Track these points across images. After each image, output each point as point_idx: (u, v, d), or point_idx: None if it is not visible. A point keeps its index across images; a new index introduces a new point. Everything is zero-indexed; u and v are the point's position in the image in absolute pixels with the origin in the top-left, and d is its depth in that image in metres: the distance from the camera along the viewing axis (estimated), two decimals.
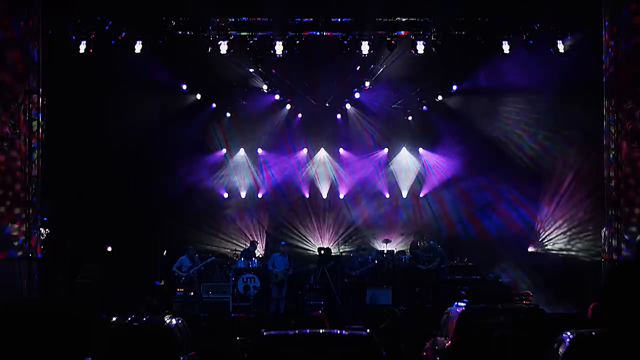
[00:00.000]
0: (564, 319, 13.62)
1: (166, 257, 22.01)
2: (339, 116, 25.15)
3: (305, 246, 24.90)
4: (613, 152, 17.31)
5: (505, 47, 19.34)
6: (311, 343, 9.41)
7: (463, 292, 15.62)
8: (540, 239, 22.75)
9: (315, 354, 9.19)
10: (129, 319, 12.18)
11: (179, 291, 20.77)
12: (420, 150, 25.41)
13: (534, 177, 22.70)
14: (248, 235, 24.56)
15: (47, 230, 18.09)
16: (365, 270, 20.87)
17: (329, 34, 19.35)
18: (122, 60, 19.64)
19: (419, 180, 25.43)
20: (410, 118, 25.19)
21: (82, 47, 18.59)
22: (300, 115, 24.98)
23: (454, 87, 23.53)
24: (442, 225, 24.48)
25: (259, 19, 19.15)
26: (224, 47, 19.10)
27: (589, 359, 8.58)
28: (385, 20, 19.23)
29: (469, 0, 18.80)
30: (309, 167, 25.58)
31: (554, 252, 22.34)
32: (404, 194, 25.49)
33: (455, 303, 13.53)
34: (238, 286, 20.68)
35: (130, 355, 10.95)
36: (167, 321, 12.19)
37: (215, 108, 24.53)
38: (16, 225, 16.63)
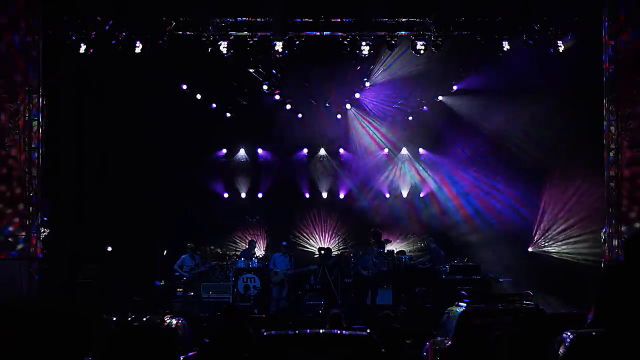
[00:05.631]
0: (564, 319, 13.58)
1: (166, 257, 22.03)
2: (339, 116, 25.15)
3: (305, 246, 24.91)
4: (613, 152, 17.31)
5: (505, 47, 19.33)
6: (311, 343, 9.41)
7: (463, 292, 15.59)
8: (540, 239, 22.76)
9: (316, 354, 9.20)
10: (129, 319, 12.20)
11: (179, 291, 20.79)
12: (420, 150, 25.43)
13: (535, 177, 22.71)
14: (248, 235, 24.56)
15: (47, 230, 18.08)
16: (377, 270, 20.85)
17: (329, 34, 19.35)
18: (122, 60, 19.62)
19: (419, 181, 25.45)
20: (410, 118, 25.20)
21: (82, 47, 18.58)
22: (300, 115, 24.98)
23: (454, 87, 23.53)
24: (441, 225, 24.49)
25: (259, 19, 19.15)
26: (224, 47, 19.10)
27: (589, 359, 8.57)
28: (385, 20, 19.22)
29: (469, 0, 18.80)
30: (309, 167, 25.59)
31: (554, 252, 22.35)
32: (404, 194, 25.52)
33: (455, 303, 13.53)
34: (238, 286, 20.70)
35: (130, 355, 10.95)
36: (167, 321, 12.21)
37: (215, 108, 24.52)
38: (16, 225, 16.62)
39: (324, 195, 25.54)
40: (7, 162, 16.69)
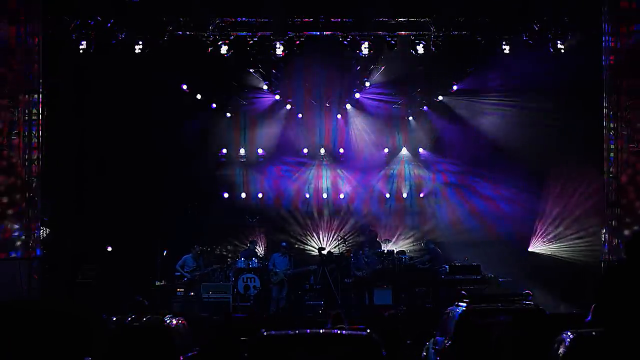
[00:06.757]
0: (564, 319, 13.59)
1: (166, 257, 22.03)
2: (339, 116, 25.15)
3: (305, 246, 24.90)
4: (613, 152, 17.31)
5: (505, 47, 19.34)
6: (311, 343, 9.41)
7: (463, 292, 15.61)
8: (540, 239, 22.75)
9: (316, 353, 9.20)
10: (129, 319, 12.19)
11: (179, 291, 20.78)
12: (420, 150, 25.43)
13: (534, 177, 22.70)
14: (248, 235, 24.55)
15: (47, 230, 18.09)
16: (371, 270, 20.83)
17: (329, 34, 19.36)
18: (122, 60, 19.63)
19: (419, 181, 25.46)
20: (410, 118, 25.20)
21: (82, 47, 18.58)
22: (300, 115, 24.98)
23: (454, 87, 23.53)
24: (442, 225, 24.51)
25: (259, 19, 19.16)
26: (224, 47, 19.11)
27: (589, 359, 8.57)
28: (385, 20, 19.24)
29: (469, 0, 18.81)
30: (309, 167, 25.58)
31: (554, 252, 22.34)
32: (404, 194, 25.51)
33: (455, 303, 13.53)
34: (238, 286, 20.68)
35: (130, 355, 10.93)
36: (167, 321, 12.20)
37: (215, 108, 24.52)
38: (16, 226, 16.62)
39: (324, 195, 25.53)
40: (7, 161, 16.69)
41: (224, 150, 25.28)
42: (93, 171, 21.60)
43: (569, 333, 9.15)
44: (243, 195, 25.36)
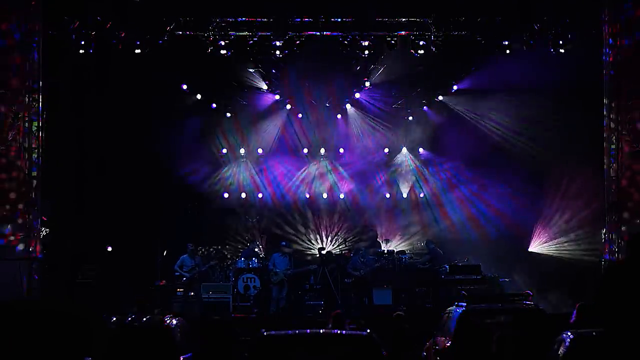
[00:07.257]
0: (564, 319, 13.61)
1: (166, 257, 22.03)
2: (339, 116, 25.15)
3: (305, 246, 24.90)
4: (613, 152, 17.31)
5: (506, 47, 19.33)
6: (311, 343, 9.42)
7: (463, 292, 15.63)
8: (540, 239, 22.76)
9: (316, 353, 9.21)
10: (129, 319, 12.20)
11: (179, 291, 20.79)
12: (420, 150, 25.43)
13: (535, 177, 22.72)
14: (248, 235, 24.56)
15: (47, 230, 18.08)
16: (368, 270, 20.84)
17: (329, 34, 19.36)
18: (122, 60, 19.63)
19: (419, 181, 25.45)
20: (410, 118, 25.20)
21: (82, 47, 18.58)
22: (300, 115, 24.98)
23: (454, 87, 23.53)
24: (442, 225, 24.51)
25: (259, 19, 19.16)
26: (224, 47, 19.11)
27: (589, 359, 8.58)
28: (385, 20, 19.24)
29: (469, 0, 18.81)
30: (309, 167, 25.58)
31: (554, 252, 22.35)
32: (404, 194, 25.51)
33: (455, 303, 13.54)
34: (238, 286, 20.68)
35: (130, 355, 10.94)
36: (167, 321, 12.22)
37: (215, 108, 24.52)
38: (16, 226, 16.62)
39: (324, 195, 25.53)
40: (6, 161, 16.68)
41: (224, 150, 25.27)
42: (93, 171, 21.59)
43: (569, 333, 9.17)
44: (243, 195, 25.36)
